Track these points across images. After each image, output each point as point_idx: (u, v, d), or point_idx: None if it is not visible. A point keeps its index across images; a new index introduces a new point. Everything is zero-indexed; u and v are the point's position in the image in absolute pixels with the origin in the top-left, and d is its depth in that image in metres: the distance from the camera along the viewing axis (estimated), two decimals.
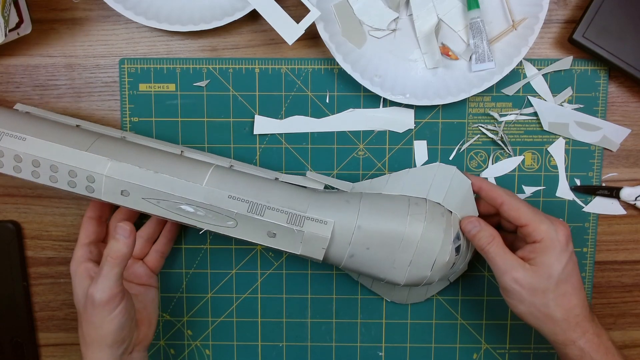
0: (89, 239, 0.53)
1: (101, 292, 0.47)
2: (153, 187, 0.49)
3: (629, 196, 0.56)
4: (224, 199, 0.49)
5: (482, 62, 0.53)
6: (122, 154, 0.50)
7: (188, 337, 0.60)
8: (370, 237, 0.49)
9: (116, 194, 0.49)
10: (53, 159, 0.49)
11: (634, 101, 0.57)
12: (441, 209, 0.51)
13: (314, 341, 0.60)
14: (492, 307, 0.59)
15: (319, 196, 0.51)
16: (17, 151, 0.49)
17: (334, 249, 0.49)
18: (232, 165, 0.53)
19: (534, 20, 0.52)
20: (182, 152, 0.53)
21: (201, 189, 0.49)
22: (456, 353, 0.60)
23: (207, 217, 0.49)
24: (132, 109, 0.57)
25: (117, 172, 0.49)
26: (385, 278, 0.51)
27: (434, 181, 0.53)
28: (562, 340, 0.48)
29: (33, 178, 0.50)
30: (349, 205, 0.50)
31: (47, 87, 0.57)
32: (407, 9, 0.54)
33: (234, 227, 0.49)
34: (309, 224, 0.48)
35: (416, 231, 0.49)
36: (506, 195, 0.50)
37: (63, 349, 0.62)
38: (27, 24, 0.55)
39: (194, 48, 0.57)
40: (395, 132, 0.57)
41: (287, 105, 0.57)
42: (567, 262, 0.48)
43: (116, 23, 0.56)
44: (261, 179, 0.51)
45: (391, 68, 0.55)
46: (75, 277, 0.51)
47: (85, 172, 0.49)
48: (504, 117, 0.57)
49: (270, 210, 0.49)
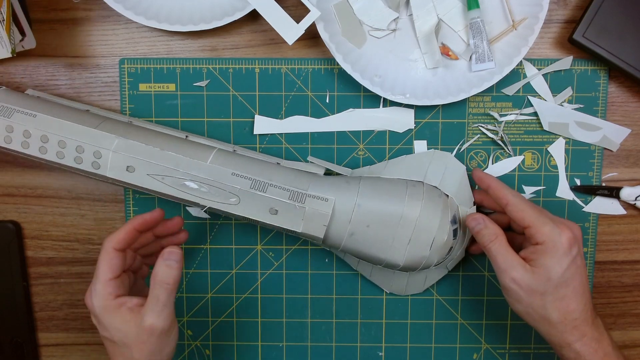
0: (115, 274, 0.47)
1: (164, 321, 0.46)
2: (159, 162, 0.50)
3: (629, 196, 0.56)
4: (227, 176, 0.50)
5: (482, 62, 0.53)
6: (129, 133, 0.51)
7: (188, 337, 0.60)
8: (370, 215, 0.50)
9: (122, 170, 0.50)
10: (62, 135, 0.50)
11: (634, 101, 0.57)
12: (438, 191, 0.53)
13: (314, 341, 0.60)
14: (492, 307, 0.59)
15: (319, 178, 0.52)
16: (27, 126, 0.51)
17: (335, 227, 0.50)
18: (235, 150, 0.54)
19: (534, 20, 0.52)
20: (187, 137, 0.54)
21: (205, 166, 0.50)
22: (456, 353, 0.60)
23: (210, 193, 0.50)
24: (132, 109, 0.57)
25: (123, 148, 0.50)
26: (385, 259, 0.51)
27: (430, 167, 0.55)
28: (558, 342, 0.48)
29: (40, 154, 0.51)
30: (349, 186, 0.51)
31: (47, 87, 0.57)
32: (407, 9, 0.54)
33: (237, 204, 0.50)
34: (310, 201, 0.50)
35: (414, 209, 0.50)
36: (511, 196, 0.50)
37: (63, 349, 0.62)
38: (30, 39, 0.55)
39: (194, 48, 0.57)
40: (395, 132, 0.57)
41: (287, 105, 0.57)
42: (569, 266, 0.47)
43: (116, 23, 0.56)
44: (263, 162, 0.53)
45: (391, 68, 0.55)
46: (107, 313, 0.46)
47: (92, 147, 0.50)
48: (504, 117, 0.57)
49: (273, 187, 0.50)
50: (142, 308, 0.46)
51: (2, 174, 0.59)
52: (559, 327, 0.47)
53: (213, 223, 0.59)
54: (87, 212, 0.59)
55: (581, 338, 0.47)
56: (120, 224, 0.59)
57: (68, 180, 0.59)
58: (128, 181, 0.51)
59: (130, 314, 0.46)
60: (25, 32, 0.55)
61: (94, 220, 0.59)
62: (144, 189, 0.51)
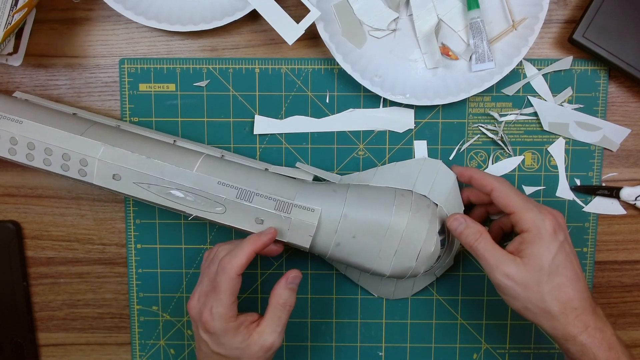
0: (236, 297, 0.49)
1: (281, 340, 0.49)
2: (144, 171, 0.50)
3: (629, 196, 0.56)
4: (213, 185, 0.50)
5: (482, 62, 0.53)
6: (115, 140, 0.51)
7: (188, 337, 0.60)
8: (356, 226, 0.50)
9: (108, 178, 0.50)
10: (48, 142, 0.50)
11: (634, 101, 0.57)
12: (427, 201, 0.52)
13: (314, 341, 0.60)
14: (492, 307, 0.59)
15: (306, 186, 0.52)
16: (13, 133, 0.50)
17: (321, 237, 0.50)
18: (223, 155, 0.54)
19: (534, 20, 0.52)
20: (175, 142, 0.54)
21: (191, 175, 0.50)
22: (456, 353, 0.60)
23: (196, 202, 0.50)
24: (132, 109, 0.57)
25: (109, 156, 0.50)
26: (371, 268, 0.51)
27: (419, 174, 0.54)
28: (562, 335, 0.47)
29: (27, 161, 0.51)
30: (336, 195, 0.51)
31: (47, 87, 0.57)
32: (407, 9, 0.54)
33: (223, 213, 0.50)
34: (296, 211, 0.49)
35: (401, 221, 0.50)
36: (497, 182, 0.49)
37: (63, 349, 0.62)
38: (18, 57, 0.56)
39: (194, 48, 0.57)
40: (395, 132, 0.57)
41: (287, 105, 0.57)
42: (558, 251, 0.46)
43: (116, 23, 0.56)
44: (251, 169, 0.52)
45: (391, 68, 0.55)
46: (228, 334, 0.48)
47: (78, 155, 0.50)
48: (504, 117, 0.57)
49: (259, 197, 0.50)
50: (255, 325, 0.49)
51: (2, 174, 0.59)
52: (561, 318, 0.46)
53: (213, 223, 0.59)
54: (87, 212, 0.59)
55: (585, 329, 0.46)
56: (121, 224, 0.59)
57: (68, 180, 0.58)
58: (114, 189, 0.51)
59: (247, 331, 0.49)
60: (19, 49, 0.56)
61: (94, 220, 0.59)
62: (131, 196, 0.51)
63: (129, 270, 0.59)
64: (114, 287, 0.60)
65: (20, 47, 0.56)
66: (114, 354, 0.62)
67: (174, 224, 0.59)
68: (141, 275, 0.59)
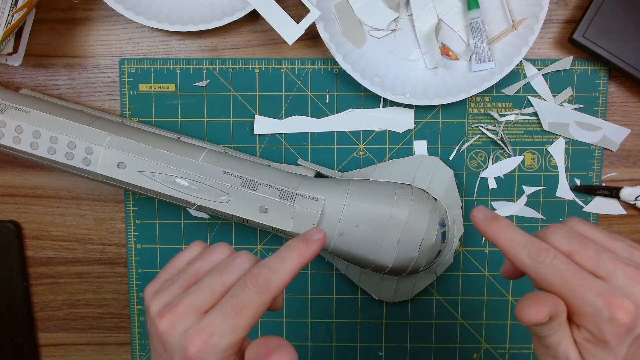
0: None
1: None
2: (150, 160, 0.50)
3: (629, 196, 0.56)
4: (218, 174, 0.50)
5: (482, 62, 0.53)
6: (121, 132, 0.52)
7: None
8: (359, 215, 0.50)
9: (112, 167, 0.51)
10: (54, 131, 0.51)
11: (634, 101, 0.57)
12: (426, 194, 0.53)
13: (314, 341, 0.60)
14: (492, 307, 0.59)
15: (309, 179, 0.52)
16: (20, 122, 0.51)
17: (324, 226, 0.51)
18: (226, 151, 0.55)
19: (534, 20, 0.52)
20: (179, 138, 0.55)
21: (196, 164, 0.51)
22: (456, 353, 0.60)
23: (201, 191, 0.50)
24: (132, 109, 0.57)
25: (115, 145, 0.51)
26: (374, 260, 0.51)
27: (418, 171, 0.55)
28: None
29: (31, 149, 0.51)
30: (339, 186, 0.52)
31: (47, 87, 0.57)
32: (407, 9, 0.54)
33: (227, 202, 0.50)
34: (300, 200, 0.50)
35: (403, 210, 0.51)
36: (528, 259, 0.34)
37: (63, 349, 0.62)
38: (18, 56, 0.56)
39: (194, 48, 0.57)
40: (395, 132, 0.57)
41: (287, 105, 0.57)
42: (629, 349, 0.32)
43: (116, 23, 0.56)
44: (254, 163, 0.53)
45: (391, 68, 0.55)
46: None
47: (84, 143, 0.51)
48: (504, 117, 0.57)
49: (263, 185, 0.50)
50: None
51: (2, 174, 0.59)
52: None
53: (213, 223, 0.59)
54: (87, 212, 0.59)
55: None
56: (121, 224, 0.59)
57: (68, 180, 0.59)
58: (118, 178, 0.51)
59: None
60: (19, 49, 0.56)
61: (93, 220, 0.59)
62: (134, 187, 0.51)
63: (129, 270, 0.59)
64: (114, 287, 0.60)
65: (20, 47, 0.56)
66: (114, 354, 0.62)
67: (174, 224, 0.59)
68: (141, 275, 0.59)
